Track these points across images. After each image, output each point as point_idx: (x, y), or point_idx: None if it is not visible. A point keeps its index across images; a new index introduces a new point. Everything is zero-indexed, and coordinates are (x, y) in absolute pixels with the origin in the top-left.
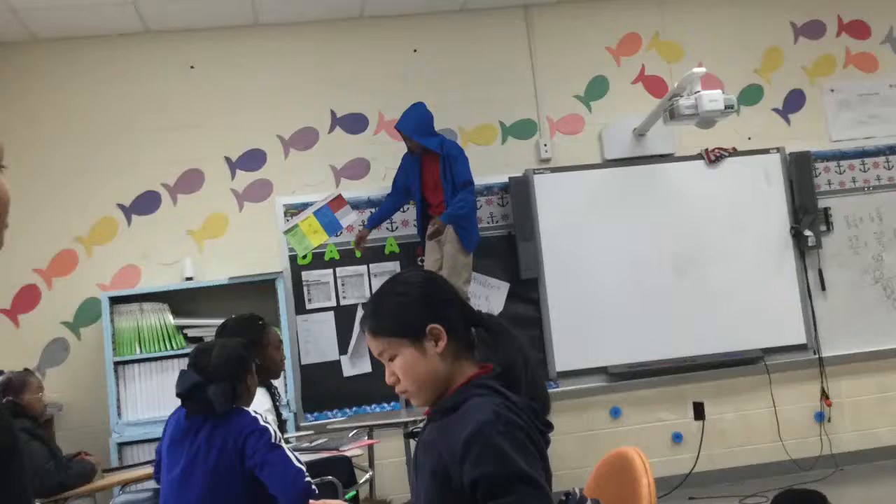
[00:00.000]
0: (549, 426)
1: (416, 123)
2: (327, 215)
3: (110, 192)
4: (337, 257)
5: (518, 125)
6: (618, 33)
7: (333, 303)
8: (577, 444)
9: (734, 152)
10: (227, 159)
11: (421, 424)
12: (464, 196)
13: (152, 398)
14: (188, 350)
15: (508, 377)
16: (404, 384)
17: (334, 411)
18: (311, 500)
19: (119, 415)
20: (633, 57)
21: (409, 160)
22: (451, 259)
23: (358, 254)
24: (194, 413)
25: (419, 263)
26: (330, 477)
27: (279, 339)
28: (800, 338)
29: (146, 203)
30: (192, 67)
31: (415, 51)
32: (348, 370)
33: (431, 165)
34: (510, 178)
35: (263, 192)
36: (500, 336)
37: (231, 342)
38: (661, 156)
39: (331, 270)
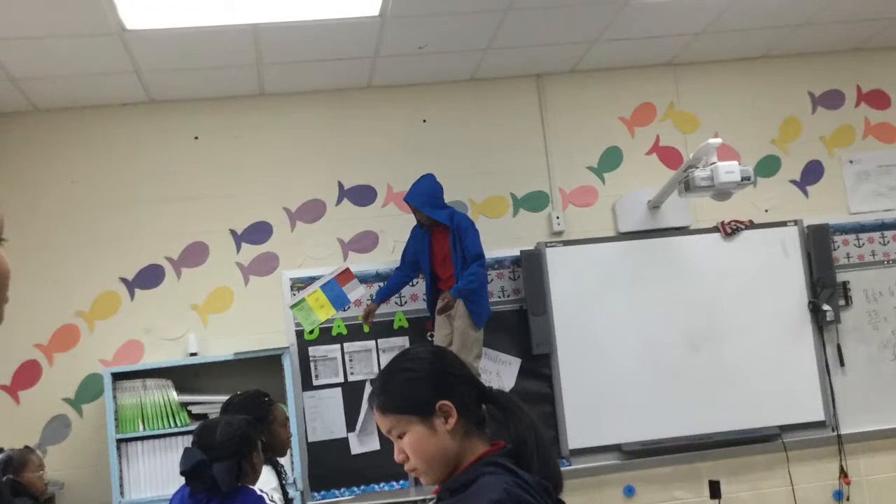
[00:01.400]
0: None
1: (425, 195)
2: (335, 289)
3: (113, 266)
4: (345, 332)
5: (530, 197)
6: (632, 103)
7: (341, 379)
8: None
9: (751, 225)
10: (233, 232)
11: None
12: (474, 270)
13: (156, 476)
14: (192, 427)
15: (520, 455)
16: (413, 462)
17: (342, 490)
18: None
19: (122, 493)
20: (647, 127)
21: (419, 233)
22: (461, 334)
23: (366, 329)
24: (199, 491)
25: (429, 339)
26: None
27: (285, 416)
28: (818, 414)
29: (149, 277)
30: (196, 138)
31: (424, 121)
32: (356, 448)
33: (441, 238)
34: (522, 252)
35: (269, 265)
36: (512, 413)
37: (236, 419)
38: (676, 228)
39: (338, 346)
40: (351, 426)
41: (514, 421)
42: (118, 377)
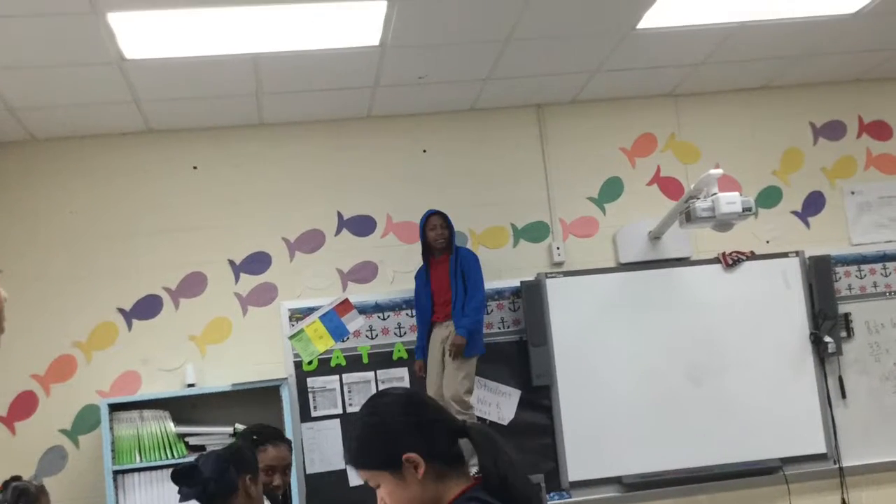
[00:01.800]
0: None
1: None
2: (333, 320)
3: (110, 296)
4: (343, 363)
5: (530, 227)
6: (633, 133)
7: (339, 410)
8: None
9: (752, 256)
10: (231, 262)
11: None
12: (478, 307)
13: None
14: (190, 459)
15: (499, 487)
16: None
17: None
18: None
19: None
20: (648, 158)
21: (422, 274)
22: (452, 369)
23: (365, 360)
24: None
25: (421, 375)
26: None
27: (273, 458)
28: (819, 447)
29: (147, 307)
30: (195, 168)
31: (424, 151)
32: (355, 479)
33: (441, 268)
34: (522, 282)
35: (268, 296)
36: (486, 446)
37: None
38: (677, 260)
39: (337, 377)
40: None
41: (490, 453)
42: (115, 408)
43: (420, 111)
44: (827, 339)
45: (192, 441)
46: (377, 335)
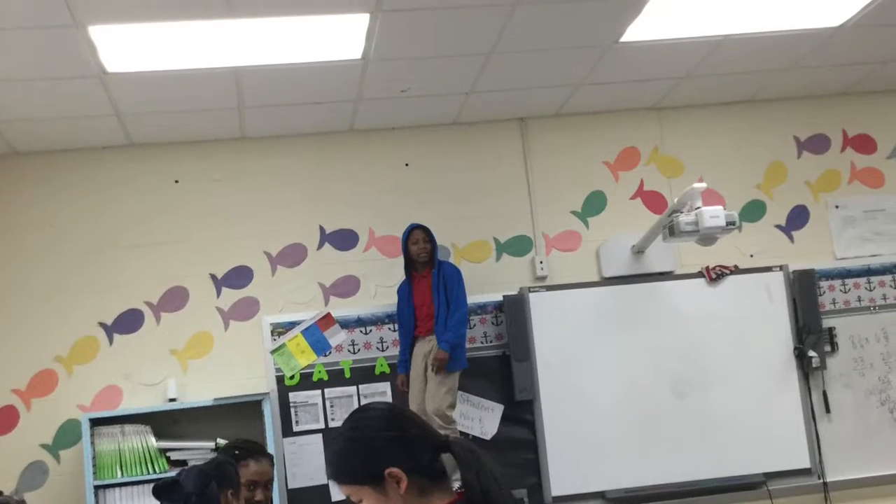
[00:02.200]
0: None
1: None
2: (315, 334)
3: (92, 310)
4: (325, 378)
5: (513, 242)
6: (616, 147)
7: (322, 425)
8: None
9: (736, 270)
10: (213, 276)
11: None
12: (460, 320)
13: None
14: (171, 473)
15: (482, 502)
16: None
17: None
18: None
19: None
20: (631, 172)
21: (405, 290)
22: (435, 384)
23: (347, 374)
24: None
25: (404, 390)
26: None
27: (255, 472)
28: (804, 462)
29: (128, 321)
30: (176, 182)
31: (406, 165)
32: (337, 495)
33: (423, 284)
34: (504, 297)
35: (250, 310)
36: (469, 461)
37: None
38: (661, 274)
39: (319, 391)
40: None
41: (472, 469)
42: (96, 423)
43: (403, 125)
44: (811, 353)
45: (174, 456)
46: (359, 350)
